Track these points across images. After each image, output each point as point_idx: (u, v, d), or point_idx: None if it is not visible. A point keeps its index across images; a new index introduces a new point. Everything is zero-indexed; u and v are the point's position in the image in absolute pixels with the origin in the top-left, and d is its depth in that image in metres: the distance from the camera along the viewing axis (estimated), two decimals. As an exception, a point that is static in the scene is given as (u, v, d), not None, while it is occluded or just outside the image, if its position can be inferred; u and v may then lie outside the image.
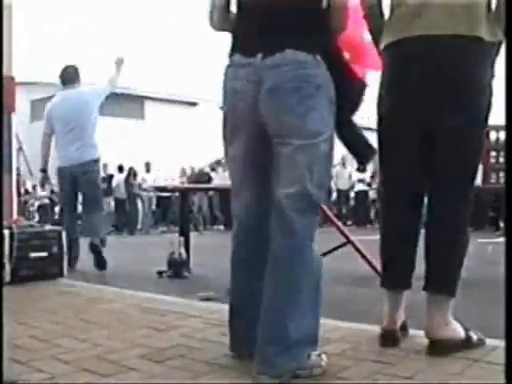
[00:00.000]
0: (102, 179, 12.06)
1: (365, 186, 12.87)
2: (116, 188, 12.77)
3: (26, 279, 3.68)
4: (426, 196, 2.09)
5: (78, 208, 5.10)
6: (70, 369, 1.82)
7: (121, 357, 1.95)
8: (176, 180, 13.10)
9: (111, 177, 12.92)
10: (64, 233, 4.26)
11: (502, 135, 3.89)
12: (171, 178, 13.20)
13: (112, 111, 15.70)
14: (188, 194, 5.29)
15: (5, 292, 2.82)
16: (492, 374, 1.66)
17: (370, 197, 12.77)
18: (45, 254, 3.85)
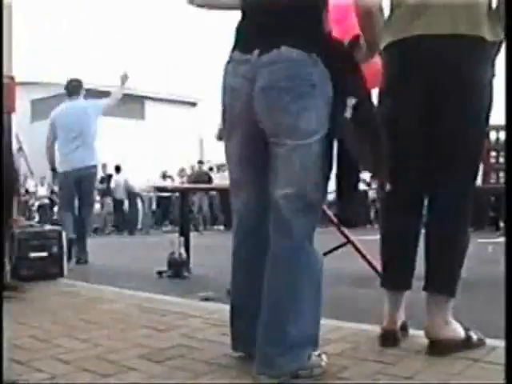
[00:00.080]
0: (101, 179, 12.14)
1: (365, 186, 12.86)
2: (115, 189, 12.75)
3: (26, 279, 3.68)
4: (427, 196, 2.09)
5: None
6: (70, 369, 1.82)
7: (121, 357, 1.95)
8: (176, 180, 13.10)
9: (110, 176, 12.91)
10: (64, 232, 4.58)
11: (502, 135, 3.89)
12: (171, 179, 13.21)
13: (112, 111, 15.72)
14: (188, 194, 5.29)
15: (5, 292, 2.82)
16: (492, 374, 1.66)
17: (370, 197, 12.76)
18: (45, 254, 3.85)
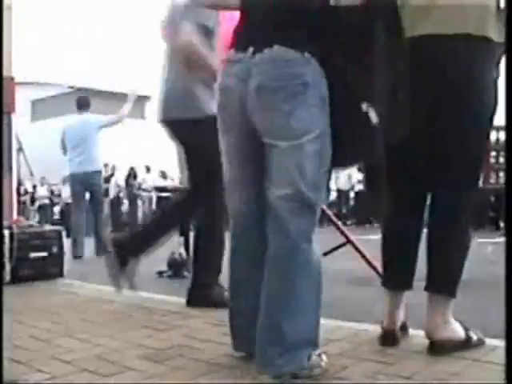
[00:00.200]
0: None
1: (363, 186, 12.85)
2: (112, 189, 12.73)
3: (26, 279, 3.68)
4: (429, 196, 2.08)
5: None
6: (70, 369, 1.82)
7: (121, 357, 1.95)
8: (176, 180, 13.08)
9: (110, 176, 12.90)
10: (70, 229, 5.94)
11: (502, 135, 3.89)
12: (171, 178, 13.19)
13: (112, 111, 15.69)
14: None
15: (5, 292, 2.82)
16: (492, 374, 1.66)
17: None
18: (45, 254, 3.85)
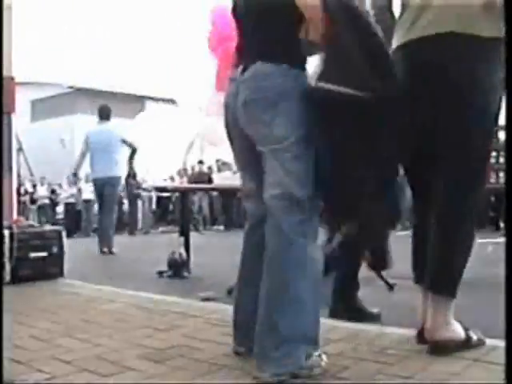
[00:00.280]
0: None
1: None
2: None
3: (26, 279, 3.68)
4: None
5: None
6: (70, 369, 1.83)
7: (121, 357, 1.95)
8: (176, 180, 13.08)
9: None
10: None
11: (502, 135, 3.89)
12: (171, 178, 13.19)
13: (112, 111, 15.71)
14: (188, 194, 5.29)
15: (5, 292, 2.82)
16: (492, 374, 1.66)
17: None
18: (45, 254, 3.86)
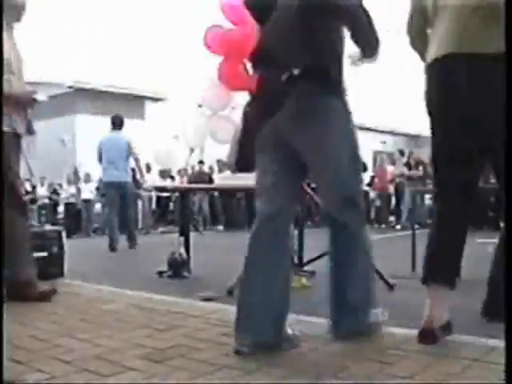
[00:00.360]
0: (101, 180, 12.10)
1: (364, 187, 12.83)
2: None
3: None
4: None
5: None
6: (70, 369, 1.83)
7: (121, 357, 1.95)
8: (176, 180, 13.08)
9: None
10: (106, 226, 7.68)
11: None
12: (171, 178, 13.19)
13: (112, 111, 15.69)
14: (188, 194, 5.29)
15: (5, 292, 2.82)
16: (492, 374, 1.66)
17: (371, 197, 12.74)
18: (45, 254, 3.85)
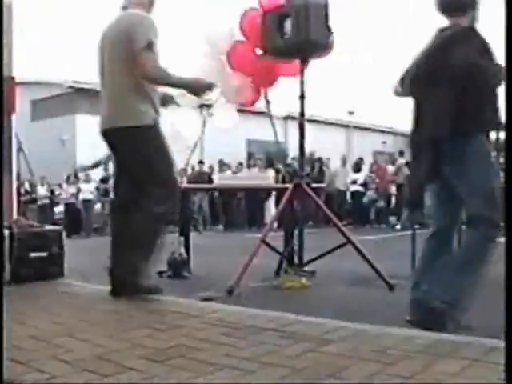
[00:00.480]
0: (101, 180, 12.14)
1: (359, 187, 12.81)
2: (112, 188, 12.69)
3: (26, 279, 3.68)
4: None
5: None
6: (70, 369, 1.83)
7: (121, 357, 1.95)
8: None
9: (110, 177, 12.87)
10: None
11: (502, 135, 3.89)
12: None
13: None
14: (188, 194, 5.29)
15: (5, 292, 2.82)
16: (492, 374, 1.66)
17: (370, 197, 12.71)
18: (45, 254, 3.85)
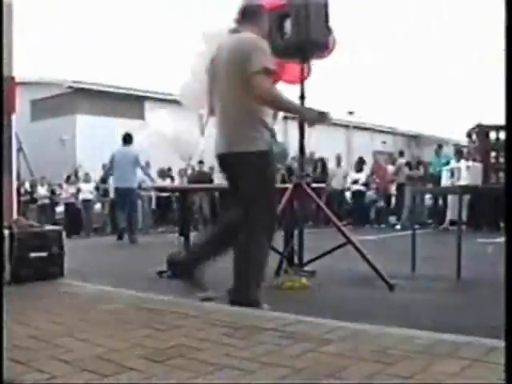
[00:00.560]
0: (102, 180, 12.12)
1: (360, 187, 12.77)
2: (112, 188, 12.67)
3: (26, 279, 3.68)
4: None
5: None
6: (70, 369, 1.83)
7: (121, 357, 1.95)
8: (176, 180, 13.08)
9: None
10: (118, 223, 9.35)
11: (502, 135, 3.89)
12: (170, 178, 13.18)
13: (112, 111, 15.70)
14: (188, 194, 5.29)
15: (5, 292, 2.82)
16: (492, 374, 1.66)
17: (370, 197, 12.71)
18: (45, 254, 3.85)
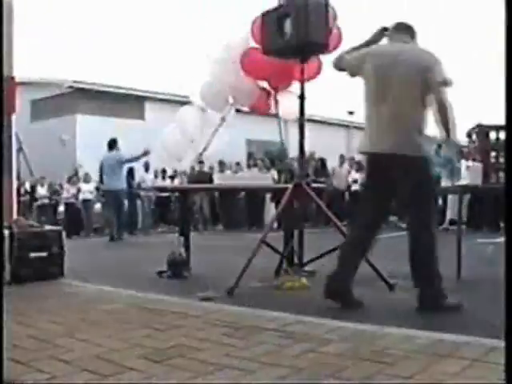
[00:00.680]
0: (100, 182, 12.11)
1: (360, 186, 12.72)
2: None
3: (26, 279, 3.68)
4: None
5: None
6: (70, 369, 1.83)
7: (121, 357, 1.95)
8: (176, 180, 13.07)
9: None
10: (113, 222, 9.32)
11: (502, 135, 3.89)
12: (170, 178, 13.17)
13: (112, 111, 15.69)
14: (188, 194, 5.29)
15: (5, 292, 2.82)
16: (492, 374, 1.66)
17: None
18: (45, 254, 3.85)
